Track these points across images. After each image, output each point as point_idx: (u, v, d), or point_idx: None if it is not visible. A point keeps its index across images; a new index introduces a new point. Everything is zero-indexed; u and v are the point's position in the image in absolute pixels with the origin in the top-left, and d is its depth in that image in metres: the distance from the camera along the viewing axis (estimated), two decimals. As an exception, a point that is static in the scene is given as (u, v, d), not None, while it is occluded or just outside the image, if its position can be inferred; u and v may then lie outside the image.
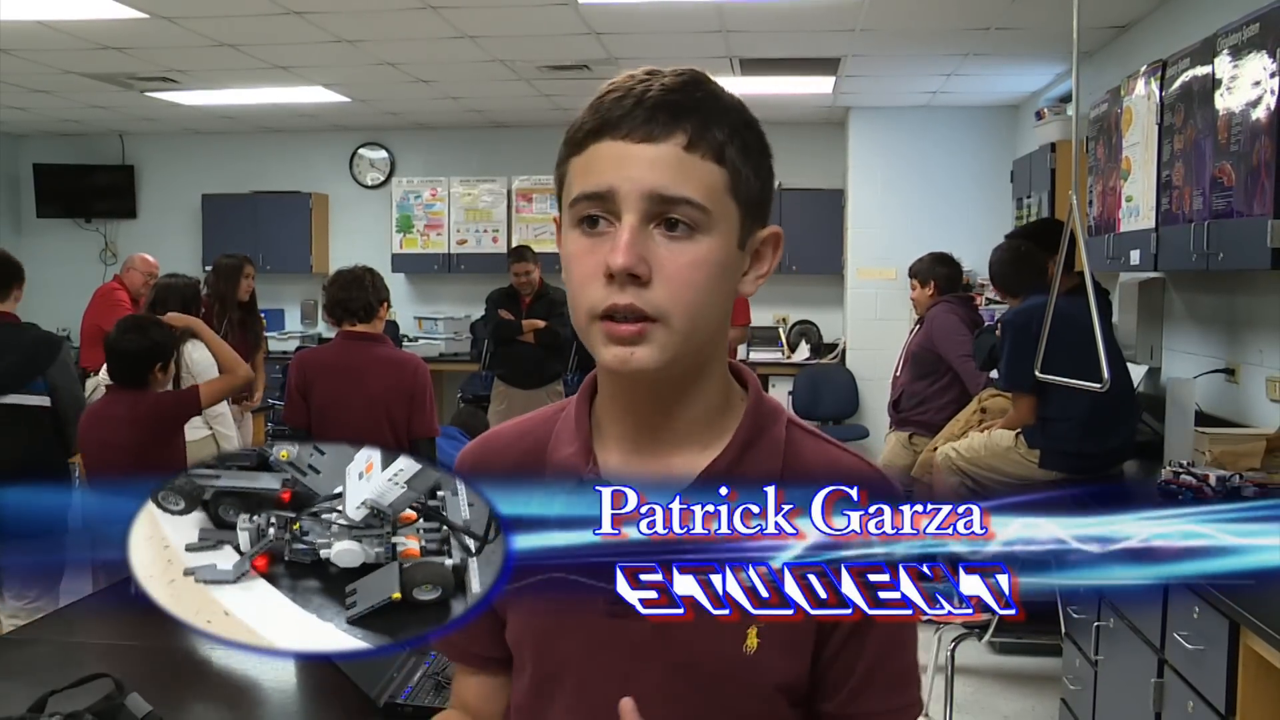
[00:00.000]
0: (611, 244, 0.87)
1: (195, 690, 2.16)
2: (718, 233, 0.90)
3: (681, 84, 0.91)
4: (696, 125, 0.89)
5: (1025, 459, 3.79)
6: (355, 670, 1.89)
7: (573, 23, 5.17)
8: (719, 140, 0.90)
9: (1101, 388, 3.29)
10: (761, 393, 1.02)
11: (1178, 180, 3.57)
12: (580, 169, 0.91)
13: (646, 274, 0.87)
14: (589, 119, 0.91)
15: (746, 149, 0.92)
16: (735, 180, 0.91)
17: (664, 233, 0.88)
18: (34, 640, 2.42)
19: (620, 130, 0.89)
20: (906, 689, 1.00)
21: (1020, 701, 4.14)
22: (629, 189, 0.88)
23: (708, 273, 0.89)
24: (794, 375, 7.92)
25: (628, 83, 0.91)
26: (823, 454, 0.99)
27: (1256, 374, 3.73)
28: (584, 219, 0.90)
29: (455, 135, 8.58)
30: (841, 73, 6.36)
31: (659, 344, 0.89)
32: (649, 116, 0.88)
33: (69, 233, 9.05)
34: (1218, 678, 2.29)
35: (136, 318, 3.69)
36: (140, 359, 3.40)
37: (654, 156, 0.88)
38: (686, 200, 0.88)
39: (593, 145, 0.90)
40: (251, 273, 5.42)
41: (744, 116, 0.94)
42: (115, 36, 5.48)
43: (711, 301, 0.91)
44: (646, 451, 0.97)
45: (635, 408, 0.97)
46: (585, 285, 0.90)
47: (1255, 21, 3.00)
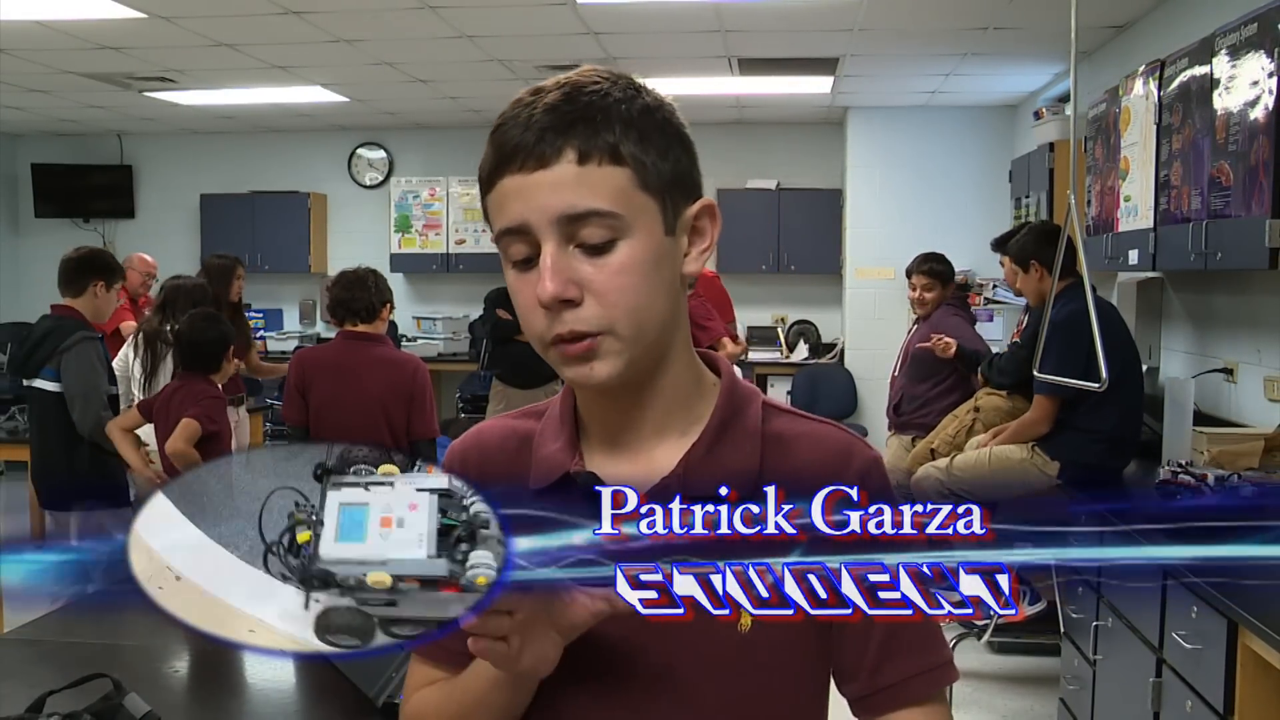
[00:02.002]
0: (538, 275, 0.89)
1: (194, 690, 2.16)
2: (638, 231, 0.90)
3: (563, 97, 0.91)
4: (584, 135, 0.89)
5: (1044, 471, 3.73)
6: (353, 670, 1.89)
7: (571, 23, 5.17)
8: (611, 142, 0.89)
9: (1100, 388, 3.29)
10: (735, 377, 1.03)
11: (1176, 180, 3.57)
12: (494, 207, 0.92)
13: (578, 295, 0.89)
14: (489, 156, 0.92)
15: (644, 138, 0.91)
16: (641, 174, 0.90)
17: (585, 250, 0.89)
18: (32, 640, 2.41)
19: (515, 163, 0.90)
20: (935, 648, 0.98)
21: (1019, 701, 4.15)
22: (538, 219, 0.88)
23: (638, 274, 0.90)
24: (792, 375, 7.92)
25: (514, 110, 0.93)
26: (800, 428, 1.00)
27: (1254, 373, 3.73)
28: (515, 262, 0.92)
29: (454, 135, 8.59)
30: (840, 72, 6.36)
31: (613, 353, 0.90)
32: (538, 139, 0.89)
33: (67, 232, 9.03)
34: (1216, 677, 2.29)
35: (207, 312, 4.02)
36: (214, 346, 3.78)
37: (553, 180, 0.88)
38: (595, 211, 0.88)
39: (499, 182, 0.91)
40: (242, 273, 5.45)
41: (635, 105, 0.92)
42: (113, 36, 5.48)
43: (651, 298, 0.91)
44: (628, 443, 0.99)
45: (609, 405, 0.99)
46: (528, 317, 0.92)
47: (1253, 21, 3.00)
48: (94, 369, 3.93)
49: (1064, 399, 3.64)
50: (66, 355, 3.92)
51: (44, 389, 4.01)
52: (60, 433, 3.95)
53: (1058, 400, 3.67)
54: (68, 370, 3.92)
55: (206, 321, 3.85)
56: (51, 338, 4.00)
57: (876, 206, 7.65)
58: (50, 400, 3.99)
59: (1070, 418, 3.68)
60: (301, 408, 3.81)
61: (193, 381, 3.75)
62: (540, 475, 0.99)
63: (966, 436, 4.10)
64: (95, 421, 3.85)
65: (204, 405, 3.65)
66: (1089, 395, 3.47)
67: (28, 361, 4.08)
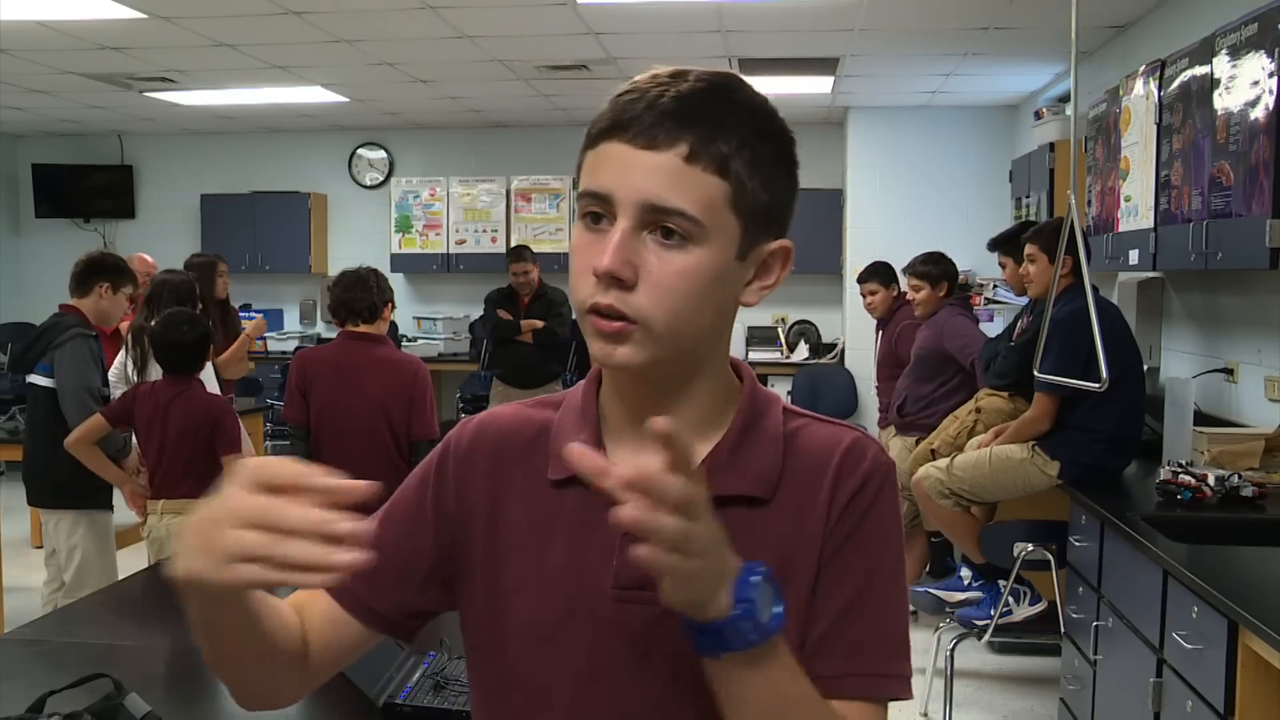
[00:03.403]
0: (604, 244, 0.89)
1: (194, 690, 2.16)
2: (712, 245, 0.90)
3: (697, 91, 0.90)
4: (701, 136, 0.89)
5: (1044, 471, 3.72)
6: (354, 670, 1.89)
7: (571, 23, 5.17)
8: (723, 153, 0.90)
9: (1100, 388, 3.29)
10: (756, 383, 1.04)
11: (1176, 180, 3.57)
12: (590, 165, 0.93)
13: (631, 278, 0.89)
14: (605, 116, 0.92)
15: (755, 163, 0.92)
16: (738, 193, 0.91)
17: (658, 239, 0.89)
18: (33, 640, 2.41)
19: (627, 133, 0.89)
20: (887, 658, 0.93)
21: (1019, 701, 4.15)
22: (624, 195, 0.89)
23: (695, 282, 0.90)
24: (793, 375, 7.92)
25: (647, 84, 0.91)
26: (818, 430, 1.00)
27: (1255, 373, 3.73)
28: (588, 214, 0.92)
29: (454, 135, 8.59)
30: (840, 72, 6.36)
31: (640, 344, 0.90)
32: (655, 122, 0.89)
33: (68, 233, 9.04)
34: (1216, 677, 2.28)
35: (184, 312, 3.96)
36: (192, 349, 3.71)
37: (654, 165, 0.88)
38: (680, 212, 0.88)
39: (603, 143, 0.91)
40: (225, 270, 5.50)
41: (762, 128, 0.93)
42: (114, 36, 5.48)
43: (699, 310, 0.92)
44: (650, 443, 0.98)
45: (634, 400, 0.98)
46: (579, 279, 0.92)
47: (1253, 21, 3.00)
48: (86, 364, 3.93)
49: (1064, 398, 3.63)
50: (60, 351, 3.92)
51: (39, 384, 4.02)
52: (50, 430, 3.95)
53: (1058, 399, 3.65)
54: (60, 365, 3.93)
55: (180, 322, 3.78)
56: (48, 333, 4.01)
57: (877, 207, 7.65)
58: (44, 396, 4.00)
59: (1070, 417, 3.66)
60: (302, 408, 3.81)
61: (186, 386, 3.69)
62: (560, 466, 0.97)
63: (968, 437, 4.09)
64: (87, 417, 3.85)
65: (225, 429, 3.64)
66: (1089, 395, 3.47)
67: (25, 356, 4.11)
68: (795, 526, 0.94)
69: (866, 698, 0.92)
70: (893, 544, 0.95)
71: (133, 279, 4.30)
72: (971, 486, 3.82)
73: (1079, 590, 3.41)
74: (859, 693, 0.92)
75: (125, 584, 3.12)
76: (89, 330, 4.01)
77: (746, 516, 0.93)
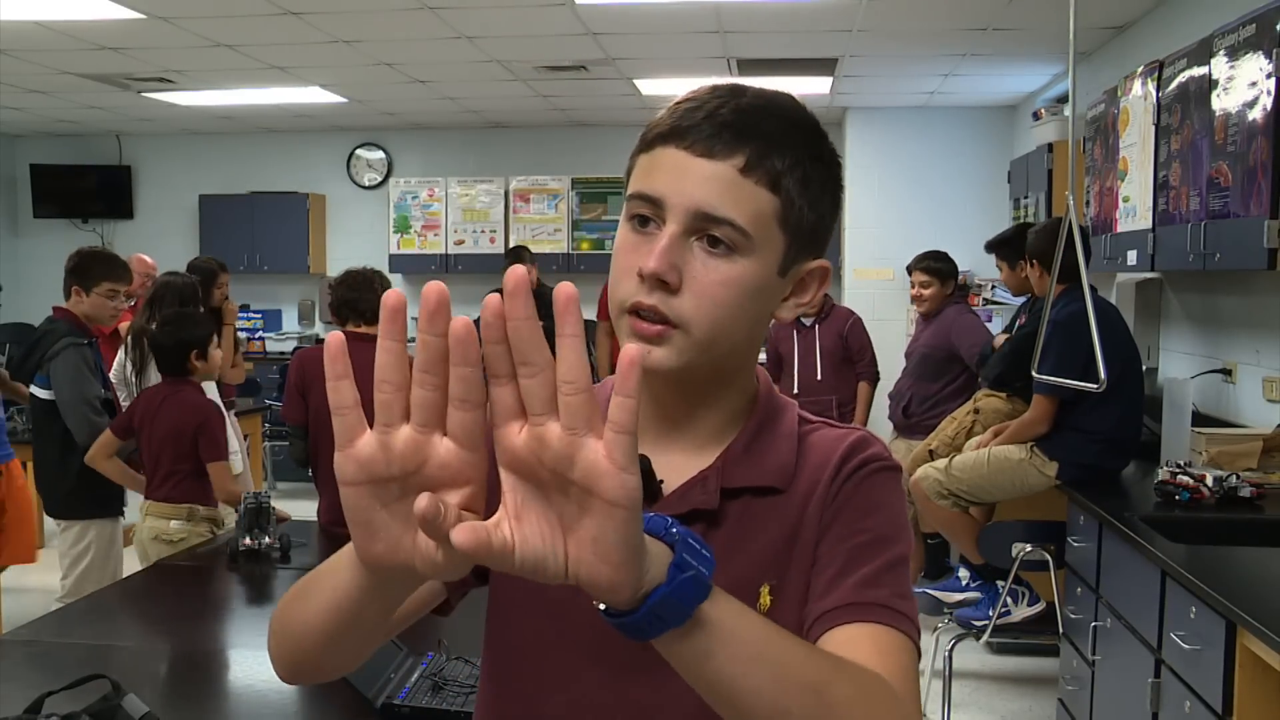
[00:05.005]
0: (651, 246, 0.91)
1: (192, 691, 2.16)
2: (757, 257, 0.93)
3: (756, 107, 0.93)
4: (757, 149, 0.91)
5: (1042, 472, 3.72)
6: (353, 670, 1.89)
7: (570, 23, 5.17)
8: (777, 169, 0.92)
9: (1098, 389, 3.29)
10: (773, 388, 1.07)
11: (1175, 180, 3.58)
12: (643, 168, 0.95)
13: (676, 282, 0.91)
14: (664, 121, 0.94)
15: (806, 182, 0.94)
16: (787, 210, 0.93)
17: (704, 247, 0.92)
18: (31, 641, 2.41)
19: (685, 140, 0.92)
20: (880, 589, 0.90)
21: (1018, 702, 4.15)
22: (677, 201, 0.91)
23: (737, 293, 0.92)
24: (792, 375, 7.91)
25: (707, 95, 0.94)
26: (829, 434, 1.02)
27: (1253, 374, 3.73)
28: (635, 216, 0.94)
29: (452, 135, 8.59)
30: (839, 73, 6.37)
31: (676, 349, 0.92)
32: (714, 133, 0.91)
33: (66, 233, 9.03)
34: (1215, 678, 2.29)
35: (178, 312, 3.95)
36: (177, 350, 3.67)
37: (709, 173, 0.91)
38: (729, 222, 0.90)
39: (659, 148, 0.93)
40: (225, 281, 5.51)
41: (815, 149, 0.96)
42: (112, 37, 5.48)
43: (737, 320, 0.94)
44: (670, 442, 1.01)
45: (660, 400, 1.00)
46: (621, 279, 0.94)
47: (1252, 22, 3.01)
48: (81, 375, 3.89)
49: (1063, 399, 3.64)
50: (54, 364, 3.90)
51: (39, 396, 4.01)
52: (55, 441, 3.94)
53: (1056, 400, 3.65)
54: (55, 379, 3.90)
55: (165, 323, 3.78)
56: (42, 344, 3.98)
57: (875, 207, 7.65)
58: (45, 408, 3.99)
59: (1069, 418, 3.66)
60: (301, 407, 3.81)
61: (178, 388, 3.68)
62: None
63: (966, 438, 4.09)
64: (90, 428, 3.82)
65: (210, 435, 3.57)
66: (1088, 396, 3.47)
67: (23, 367, 4.12)
68: (802, 509, 0.97)
69: (880, 621, 0.89)
70: (896, 512, 0.96)
71: (120, 273, 4.20)
72: (970, 487, 3.82)
73: (1077, 591, 3.41)
74: (872, 617, 0.88)
75: (123, 585, 3.12)
76: (80, 337, 3.94)
77: (768, 504, 0.96)
